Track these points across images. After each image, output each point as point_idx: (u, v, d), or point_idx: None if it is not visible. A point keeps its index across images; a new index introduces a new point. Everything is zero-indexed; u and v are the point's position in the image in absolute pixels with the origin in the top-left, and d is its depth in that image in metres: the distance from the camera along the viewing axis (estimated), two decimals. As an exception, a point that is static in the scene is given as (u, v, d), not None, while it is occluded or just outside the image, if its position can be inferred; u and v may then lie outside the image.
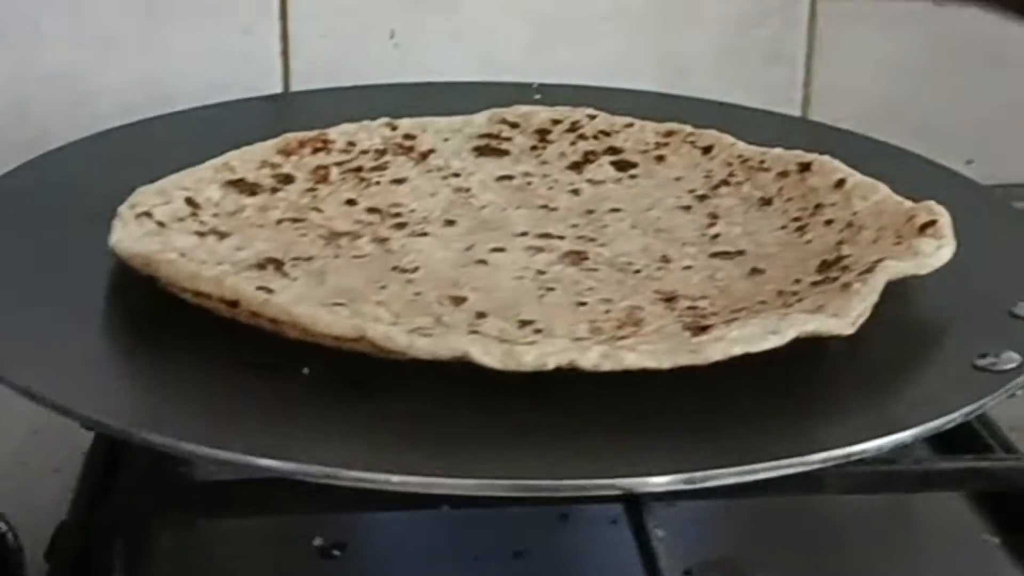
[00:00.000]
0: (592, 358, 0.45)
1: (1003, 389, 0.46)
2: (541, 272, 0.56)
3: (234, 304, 0.49)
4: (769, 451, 0.43)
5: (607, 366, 0.45)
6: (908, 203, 0.57)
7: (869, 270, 0.51)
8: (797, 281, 0.54)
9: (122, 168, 0.63)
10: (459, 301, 0.53)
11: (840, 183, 0.60)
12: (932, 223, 0.54)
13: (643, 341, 0.46)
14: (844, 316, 0.48)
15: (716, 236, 0.59)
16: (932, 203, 0.55)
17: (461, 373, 0.47)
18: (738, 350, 0.45)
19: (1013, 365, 0.47)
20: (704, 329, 0.47)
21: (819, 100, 0.83)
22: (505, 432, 0.45)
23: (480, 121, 0.69)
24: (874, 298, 0.49)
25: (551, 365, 0.45)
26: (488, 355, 0.45)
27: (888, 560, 0.52)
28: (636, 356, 0.45)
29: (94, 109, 0.75)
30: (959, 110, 0.84)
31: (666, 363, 0.45)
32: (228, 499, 0.47)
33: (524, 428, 0.45)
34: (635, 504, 0.43)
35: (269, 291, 0.51)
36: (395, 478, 0.42)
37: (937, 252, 0.53)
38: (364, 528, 0.53)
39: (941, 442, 0.56)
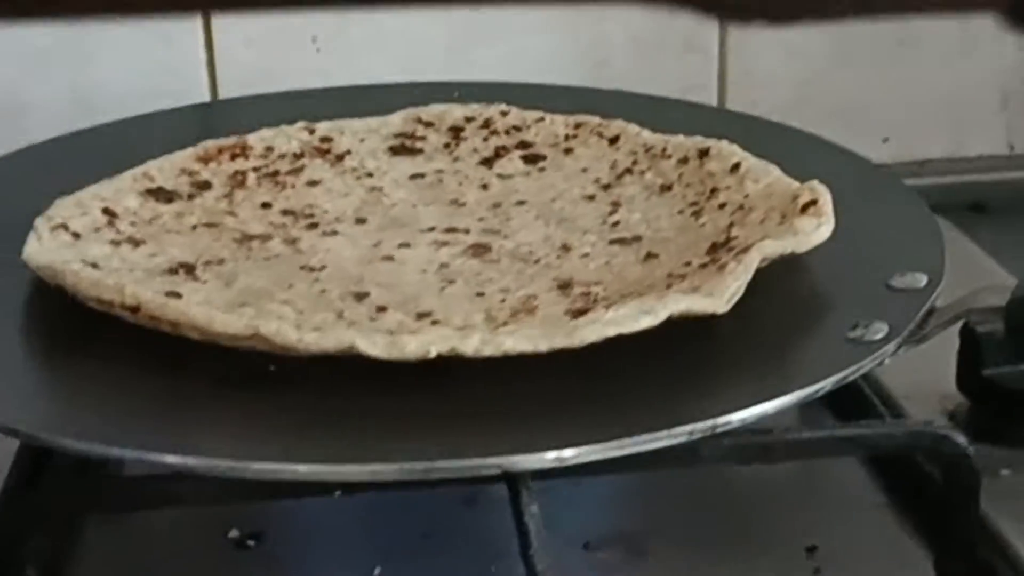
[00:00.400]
0: (473, 344, 0.47)
1: (870, 358, 0.49)
2: (444, 265, 0.58)
3: (135, 310, 0.51)
4: (642, 426, 0.45)
5: (487, 351, 0.47)
6: (795, 184, 0.59)
7: (745, 250, 0.53)
8: (687, 264, 0.56)
9: (47, 182, 0.64)
10: (361, 297, 0.55)
11: (735, 167, 0.62)
12: (813, 202, 0.56)
13: (524, 326, 0.49)
14: (718, 295, 0.50)
15: (616, 224, 0.62)
16: (815, 183, 0.58)
17: (364, 367, 0.49)
18: (611, 331, 0.47)
19: (881, 335, 0.50)
20: (583, 312, 0.49)
21: (735, 88, 0.85)
22: (394, 419, 0.47)
23: (396, 121, 0.71)
24: (747, 276, 0.51)
25: (433, 353, 0.47)
26: (373, 346, 0.47)
27: (787, 527, 0.54)
28: (513, 340, 0.47)
29: (21, 123, 0.77)
30: (873, 90, 0.86)
31: (542, 346, 0.47)
32: (138, 494, 0.49)
33: (413, 415, 0.47)
34: (514, 483, 0.45)
35: (177, 295, 0.54)
36: (281, 467, 0.44)
37: (817, 230, 0.55)
38: (278, 518, 0.55)
39: (841, 411, 0.58)
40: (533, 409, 0.47)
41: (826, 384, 0.48)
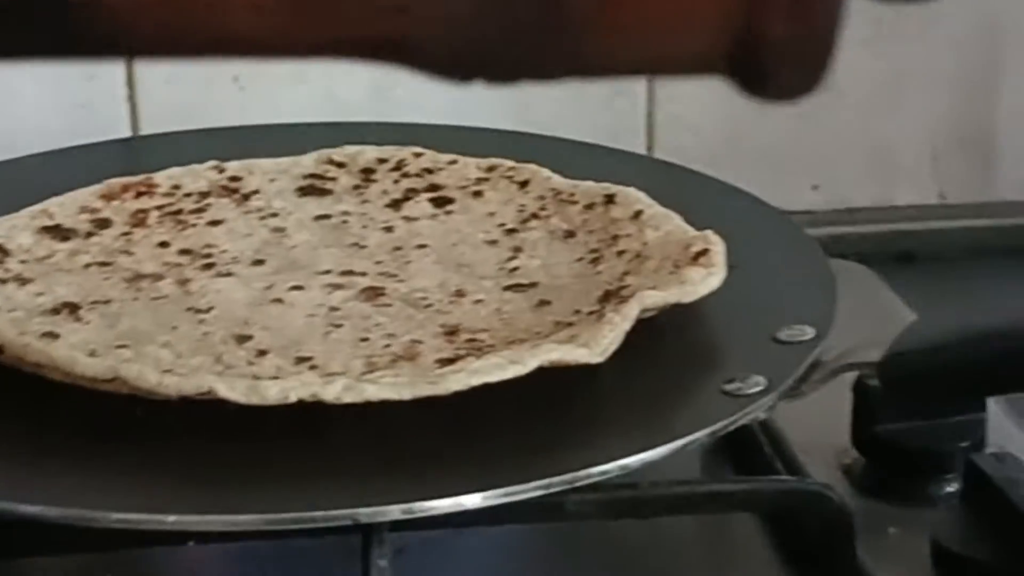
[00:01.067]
0: (334, 391, 0.46)
1: (742, 412, 0.48)
2: (334, 309, 0.57)
3: (1, 350, 0.50)
4: (502, 478, 0.44)
5: (348, 398, 0.46)
6: (692, 233, 0.58)
7: (625, 300, 0.52)
8: (577, 312, 0.56)
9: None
10: (243, 340, 0.54)
11: (638, 214, 0.62)
12: (705, 252, 0.56)
13: (390, 374, 0.48)
14: (593, 345, 0.49)
15: (515, 269, 0.61)
16: (709, 233, 0.57)
17: (234, 415, 0.48)
18: (476, 381, 0.47)
19: (757, 389, 0.49)
20: (452, 361, 0.49)
21: (663, 134, 0.85)
22: (257, 469, 0.46)
23: (307, 162, 0.70)
24: (625, 327, 0.50)
25: (293, 398, 0.46)
26: (232, 391, 0.46)
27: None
28: (376, 388, 0.46)
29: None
30: (801, 136, 0.86)
31: (406, 394, 0.46)
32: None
33: (276, 464, 0.46)
34: (368, 535, 0.44)
35: (54, 336, 0.53)
36: (132, 516, 0.43)
37: (705, 280, 0.54)
38: (155, 565, 0.54)
39: (740, 464, 0.57)
40: (397, 459, 0.46)
41: (697, 437, 0.47)
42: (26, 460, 0.47)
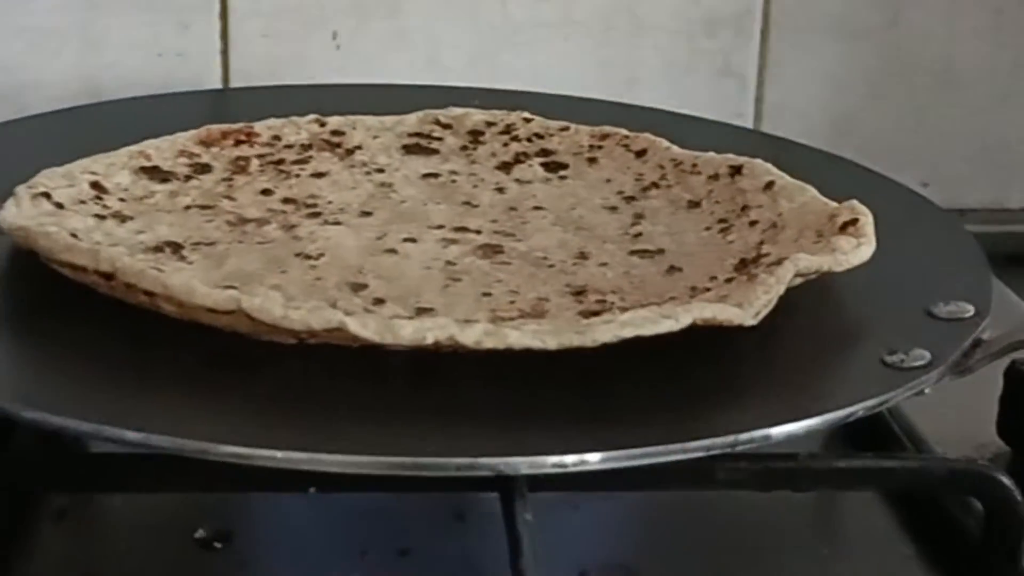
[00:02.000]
0: (474, 335, 0.43)
1: (907, 385, 0.44)
2: (451, 263, 0.54)
3: (110, 277, 0.47)
4: (655, 438, 0.40)
5: (489, 343, 0.43)
6: (833, 204, 0.55)
7: (778, 262, 0.48)
8: (713, 279, 0.52)
9: (39, 153, 0.61)
10: (359, 288, 0.51)
11: (769, 185, 0.58)
12: (853, 222, 0.52)
13: (533, 322, 0.44)
14: (746, 306, 0.46)
15: (638, 235, 0.57)
16: (855, 202, 0.54)
17: (351, 359, 0.45)
18: (628, 333, 0.43)
19: (921, 362, 0.45)
20: (597, 313, 0.45)
21: (770, 117, 0.81)
22: (381, 413, 0.43)
23: (412, 121, 0.67)
24: (780, 289, 0.47)
25: (430, 340, 0.43)
26: (364, 327, 0.43)
27: (798, 568, 0.50)
28: (520, 335, 0.43)
29: (22, 101, 0.73)
30: (914, 131, 0.82)
31: (551, 343, 0.43)
32: (96, 473, 0.45)
33: (402, 410, 0.43)
34: (508, 489, 0.40)
35: (160, 271, 0.50)
36: (252, 451, 0.40)
37: (856, 250, 0.51)
38: (248, 519, 0.51)
39: (861, 443, 0.54)
40: (535, 412, 0.43)
41: (859, 408, 0.43)
42: (131, 389, 0.44)
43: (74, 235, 0.51)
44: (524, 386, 0.44)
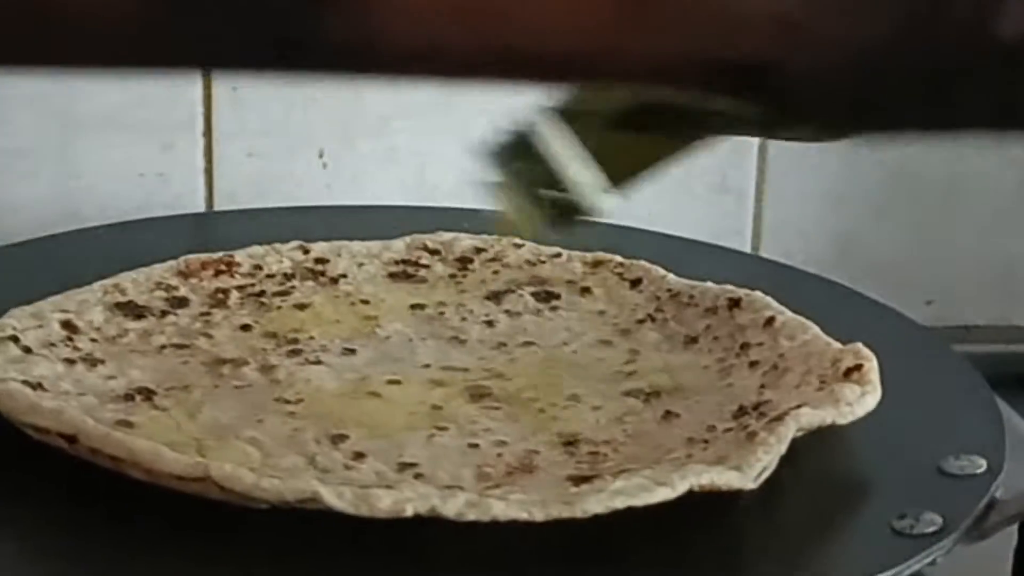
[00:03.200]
0: (456, 506, 0.40)
1: (920, 555, 0.42)
2: (437, 408, 0.52)
3: (73, 440, 0.44)
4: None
5: (472, 516, 0.40)
6: (836, 345, 0.53)
7: (779, 418, 0.46)
8: (711, 428, 0.50)
9: (11, 285, 0.59)
10: (339, 439, 0.48)
11: (769, 321, 0.56)
12: (858, 368, 0.50)
13: (518, 489, 0.42)
14: (746, 469, 0.43)
15: (632, 373, 0.55)
16: (859, 345, 0.51)
17: (331, 522, 0.42)
18: (620, 503, 0.41)
19: (934, 528, 0.43)
20: (587, 479, 0.43)
21: (769, 236, 0.79)
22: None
23: (399, 247, 0.65)
24: (781, 449, 0.45)
25: (409, 512, 0.40)
26: (340, 499, 0.40)
27: None
28: (505, 506, 0.40)
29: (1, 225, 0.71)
30: (918, 248, 0.80)
31: (538, 516, 0.40)
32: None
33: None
34: None
35: (129, 425, 0.47)
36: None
37: (861, 400, 0.48)
38: None
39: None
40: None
41: (872, 582, 0.40)
42: (96, 567, 0.41)
43: (39, 385, 0.48)
44: (509, 560, 0.41)
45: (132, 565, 0.42)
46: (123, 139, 0.74)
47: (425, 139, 0.76)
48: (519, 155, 0.33)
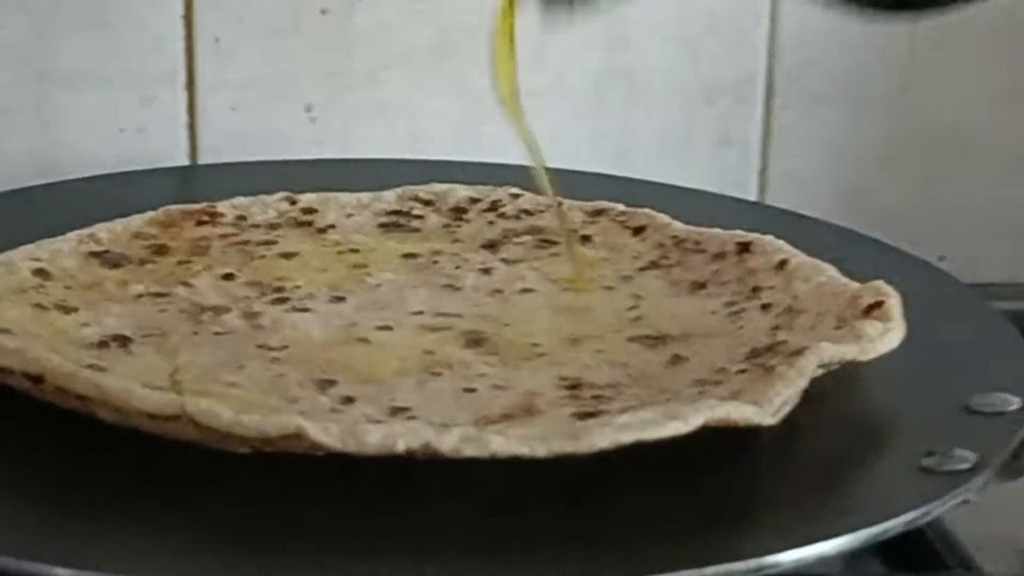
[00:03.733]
0: (452, 441, 0.37)
1: (951, 494, 0.39)
2: (429, 353, 0.49)
3: (38, 380, 0.41)
4: (660, 565, 0.35)
5: (469, 451, 0.37)
6: (854, 284, 0.50)
7: (798, 352, 0.43)
8: (722, 371, 0.47)
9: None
10: (326, 385, 0.45)
11: (781, 264, 0.53)
12: (879, 304, 0.47)
13: (520, 424, 0.39)
14: (764, 404, 0.40)
15: (637, 319, 0.52)
16: (880, 283, 0.48)
17: (315, 469, 0.39)
18: (628, 437, 0.38)
19: (965, 466, 0.40)
20: (593, 414, 0.40)
21: (775, 189, 0.76)
22: (347, 538, 0.37)
23: (390, 197, 0.62)
24: (801, 383, 0.42)
25: (400, 447, 0.37)
26: (326, 434, 0.37)
27: None
28: (504, 441, 0.37)
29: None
30: (927, 202, 0.77)
31: (540, 450, 0.37)
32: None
33: (367, 534, 0.37)
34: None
35: (101, 370, 0.44)
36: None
37: (883, 336, 0.45)
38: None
39: (893, 557, 0.48)
40: (519, 534, 0.37)
41: (898, 523, 0.37)
42: (61, 516, 0.38)
43: (5, 330, 0.45)
44: (509, 502, 0.38)
45: (103, 511, 0.39)
46: (101, 93, 0.71)
47: (417, 91, 0.73)
48: None
